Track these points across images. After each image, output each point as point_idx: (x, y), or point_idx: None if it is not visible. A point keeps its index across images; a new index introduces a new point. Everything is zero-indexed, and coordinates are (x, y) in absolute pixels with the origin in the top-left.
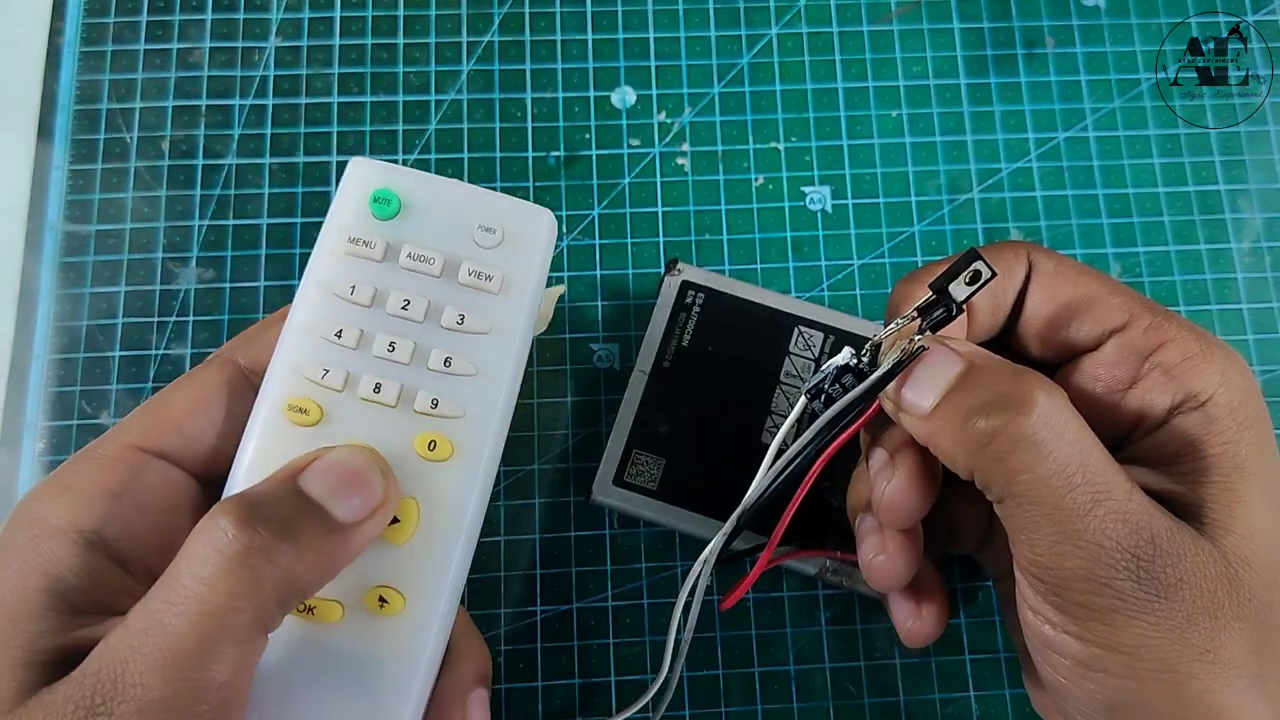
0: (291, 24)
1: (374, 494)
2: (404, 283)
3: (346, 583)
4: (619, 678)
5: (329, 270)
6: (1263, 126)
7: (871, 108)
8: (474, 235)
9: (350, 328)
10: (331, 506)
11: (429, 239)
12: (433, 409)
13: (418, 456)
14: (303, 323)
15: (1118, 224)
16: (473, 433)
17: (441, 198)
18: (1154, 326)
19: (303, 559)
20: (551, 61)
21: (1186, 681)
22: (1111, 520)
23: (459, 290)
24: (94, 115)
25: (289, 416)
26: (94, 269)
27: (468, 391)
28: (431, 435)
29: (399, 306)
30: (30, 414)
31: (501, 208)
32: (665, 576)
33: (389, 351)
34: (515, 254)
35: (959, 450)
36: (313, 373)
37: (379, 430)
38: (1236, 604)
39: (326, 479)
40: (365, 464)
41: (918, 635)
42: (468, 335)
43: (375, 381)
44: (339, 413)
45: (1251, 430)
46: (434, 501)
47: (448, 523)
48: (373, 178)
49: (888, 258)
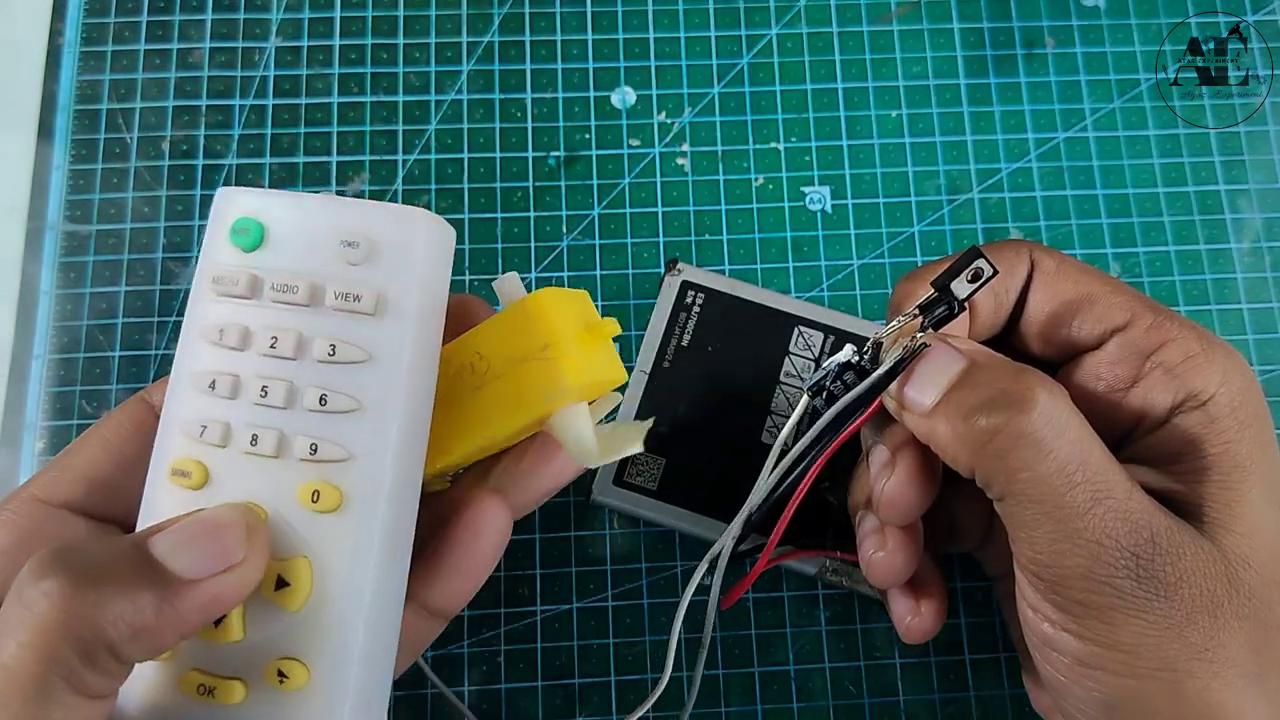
0: (292, 24)
1: (225, 549)
2: (272, 318)
3: (245, 657)
4: (619, 677)
5: (199, 315)
6: (1262, 126)
7: (871, 108)
8: (339, 252)
9: (223, 375)
10: (170, 562)
11: (293, 265)
12: (312, 454)
13: (304, 509)
14: (180, 375)
15: (1117, 224)
16: (362, 476)
17: (304, 216)
18: (1155, 326)
19: (110, 611)
20: (551, 62)
21: (1185, 680)
22: (1111, 519)
23: (330, 317)
24: (94, 115)
25: (174, 481)
26: (94, 269)
27: (351, 430)
28: (314, 485)
29: (268, 345)
30: (30, 413)
31: (364, 216)
32: (665, 576)
33: (262, 397)
34: (389, 266)
35: (960, 448)
36: (193, 430)
37: (261, 485)
38: (1236, 603)
39: (177, 535)
40: (227, 519)
41: (917, 632)
42: (343, 366)
43: (252, 432)
44: (223, 471)
45: (1252, 429)
46: (327, 559)
47: (346, 581)
48: (232, 207)
49: (887, 258)
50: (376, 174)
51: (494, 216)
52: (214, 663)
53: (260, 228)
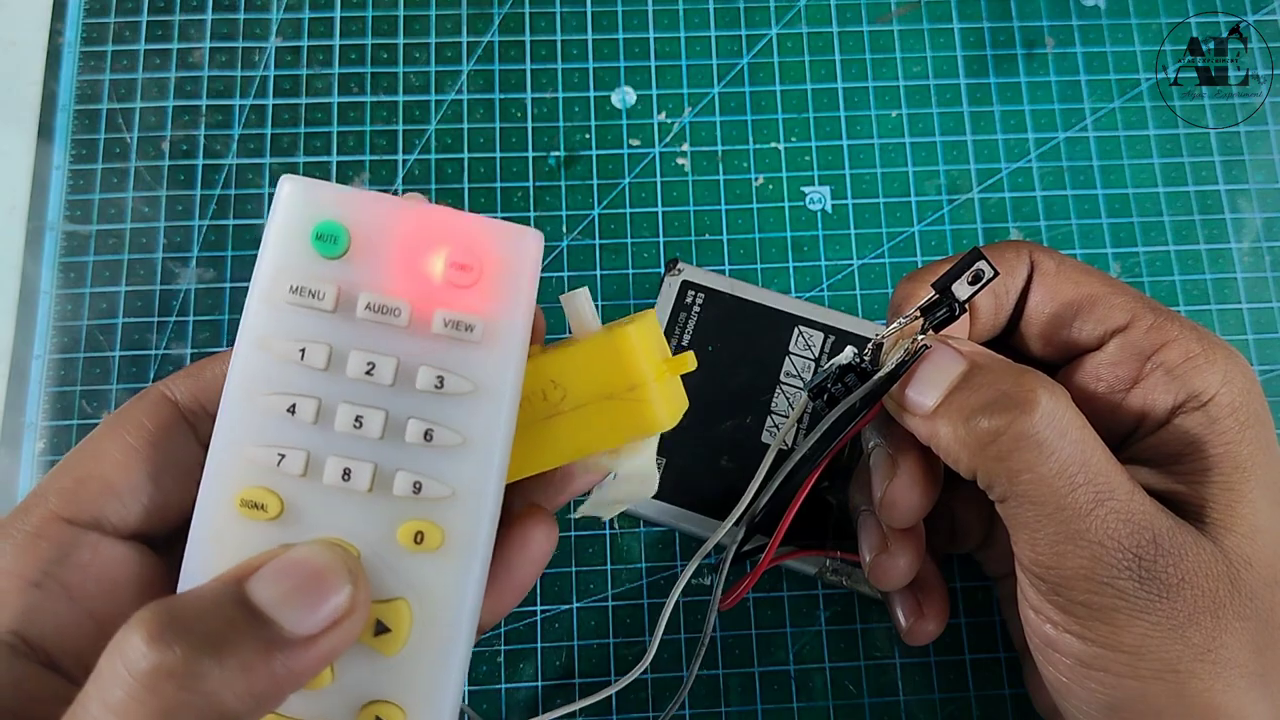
0: (291, 24)
1: (337, 601)
2: (365, 339)
3: (335, 702)
4: (619, 677)
5: (270, 326)
6: (1262, 126)
7: (871, 108)
8: (445, 273)
9: (305, 399)
10: (280, 616)
11: (390, 281)
12: (416, 492)
13: (403, 550)
14: (246, 392)
15: (1117, 224)
16: (465, 513)
17: (400, 226)
18: (1156, 326)
19: (232, 682)
20: (552, 61)
21: (1188, 681)
22: (1113, 520)
23: (432, 344)
24: (94, 115)
25: (243, 513)
26: (94, 269)
27: (455, 466)
28: (418, 525)
29: (362, 370)
30: (30, 414)
31: (477, 234)
32: (665, 576)
33: (355, 427)
34: (498, 291)
35: (961, 449)
36: (266, 457)
37: (353, 522)
38: (1238, 603)
39: (280, 582)
40: (330, 564)
41: (918, 634)
42: (450, 398)
43: (343, 465)
44: (303, 504)
45: (1253, 430)
46: (427, 600)
47: (446, 622)
48: (312, 206)
49: (887, 258)
50: (376, 174)
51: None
52: (299, 709)
53: (345, 233)
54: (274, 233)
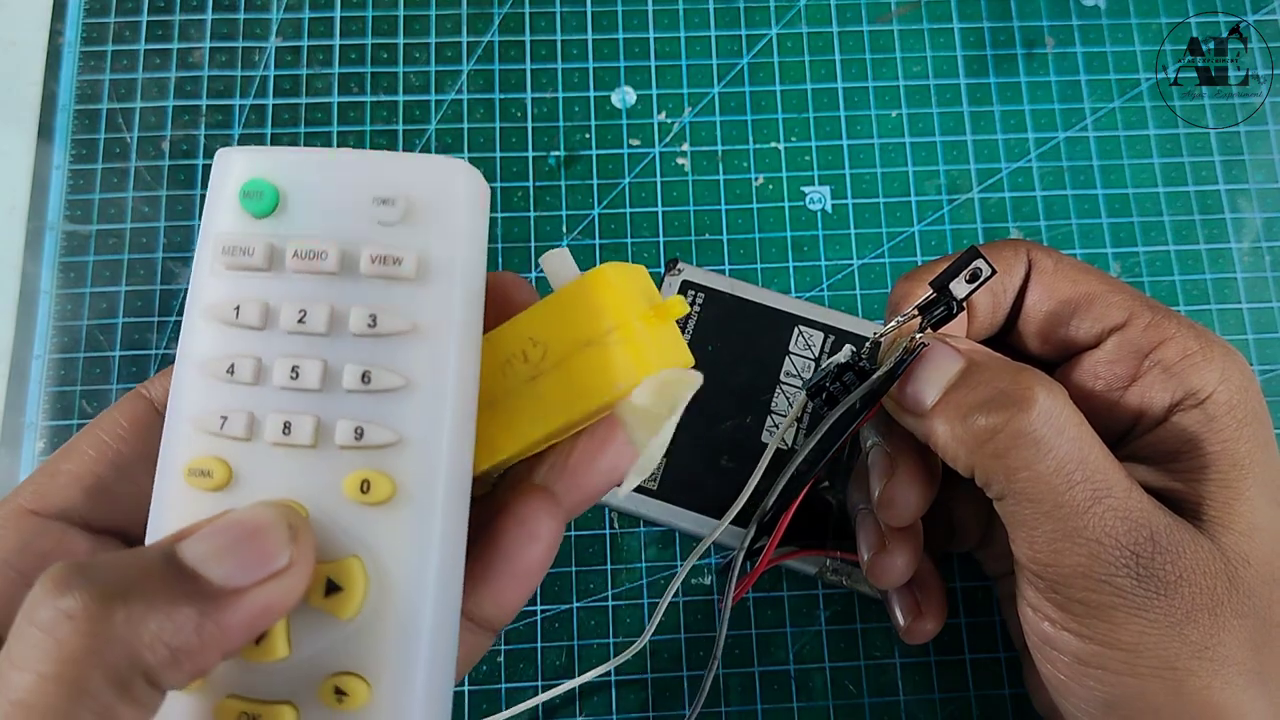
0: (292, 24)
1: (269, 553)
2: (297, 289)
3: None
4: (619, 677)
5: (208, 291)
6: (1262, 126)
7: (871, 108)
8: (370, 212)
9: (244, 359)
10: (206, 570)
11: (318, 228)
12: (358, 440)
13: (351, 503)
14: (191, 361)
15: (1117, 224)
16: (416, 460)
17: (325, 174)
18: (1153, 324)
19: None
20: (552, 61)
21: (1186, 679)
22: (1111, 517)
23: (365, 285)
24: (94, 115)
25: (191, 483)
26: (94, 269)
27: (399, 409)
28: (363, 474)
29: (295, 320)
30: (30, 413)
31: (400, 170)
32: (665, 576)
33: (293, 379)
34: (429, 224)
35: (959, 447)
36: (210, 423)
37: (299, 480)
38: (1235, 601)
39: (211, 540)
40: (265, 519)
41: (917, 633)
42: (386, 339)
43: (283, 420)
44: (249, 468)
45: (1251, 428)
46: (382, 556)
47: (406, 581)
48: (240, 168)
49: (887, 257)
50: None
51: (494, 216)
52: (256, 687)
53: (274, 190)
54: (209, 201)
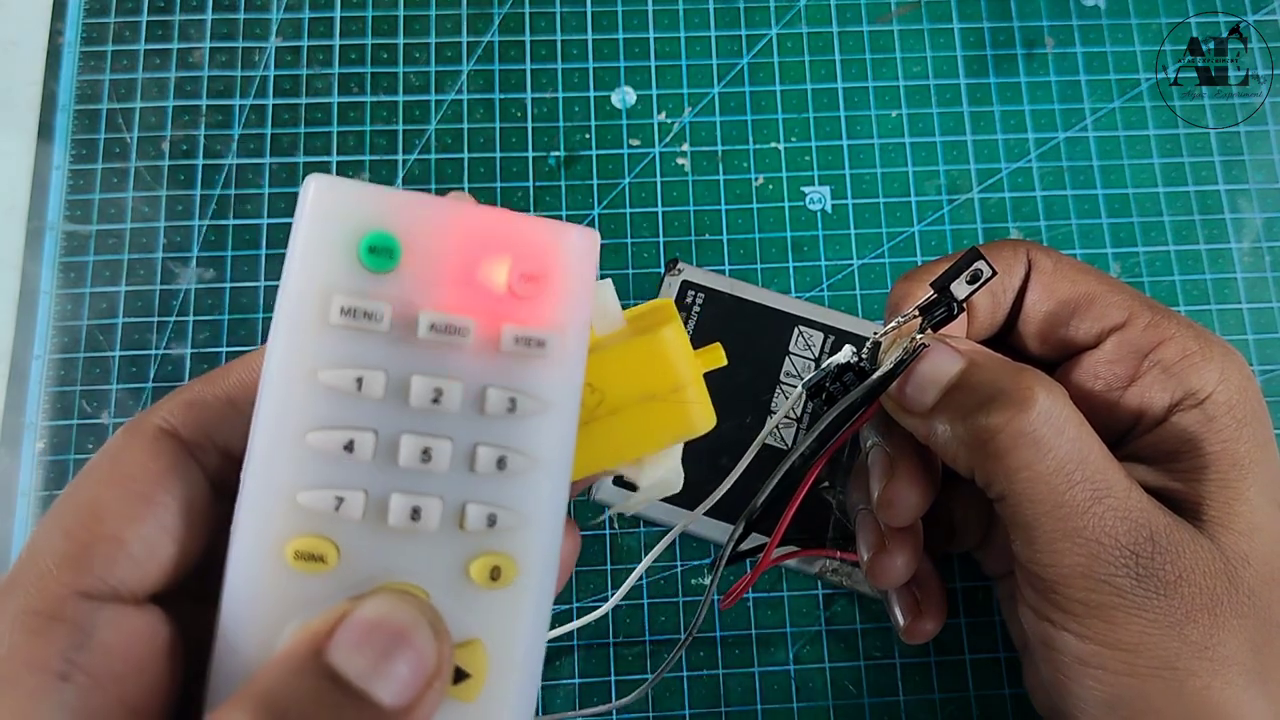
0: (292, 24)
1: (425, 659)
2: (426, 362)
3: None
4: (619, 678)
5: (315, 352)
6: (1262, 126)
7: (871, 108)
8: (512, 285)
9: (363, 433)
10: (373, 688)
11: (449, 296)
12: (490, 526)
13: (477, 587)
14: (288, 429)
15: (1117, 224)
16: (535, 538)
17: (455, 232)
18: (1153, 324)
19: None
20: (552, 61)
21: (1186, 679)
22: (1111, 517)
23: (502, 363)
24: (94, 115)
25: (297, 566)
26: (94, 269)
27: (526, 491)
28: (492, 559)
29: (428, 399)
30: (30, 414)
31: (539, 238)
32: (665, 576)
33: (423, 462)
34: (565, 299)
35: (959, 447)
36: (321, 502)
37: (420, 564)
38: (1235, 601)
39: (361, 649)
40: (410, 618)
41: (916, 633)
42: (520, 419)
43: (411, 505)
44: (364, 549)
45: (1250, 428)
46: (502, 638)
47: (521, 659)
48: (356, 214)
49: (887, 258)
50: (377, 174)
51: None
52: None
53: (397, 245)
54: (308, 243)
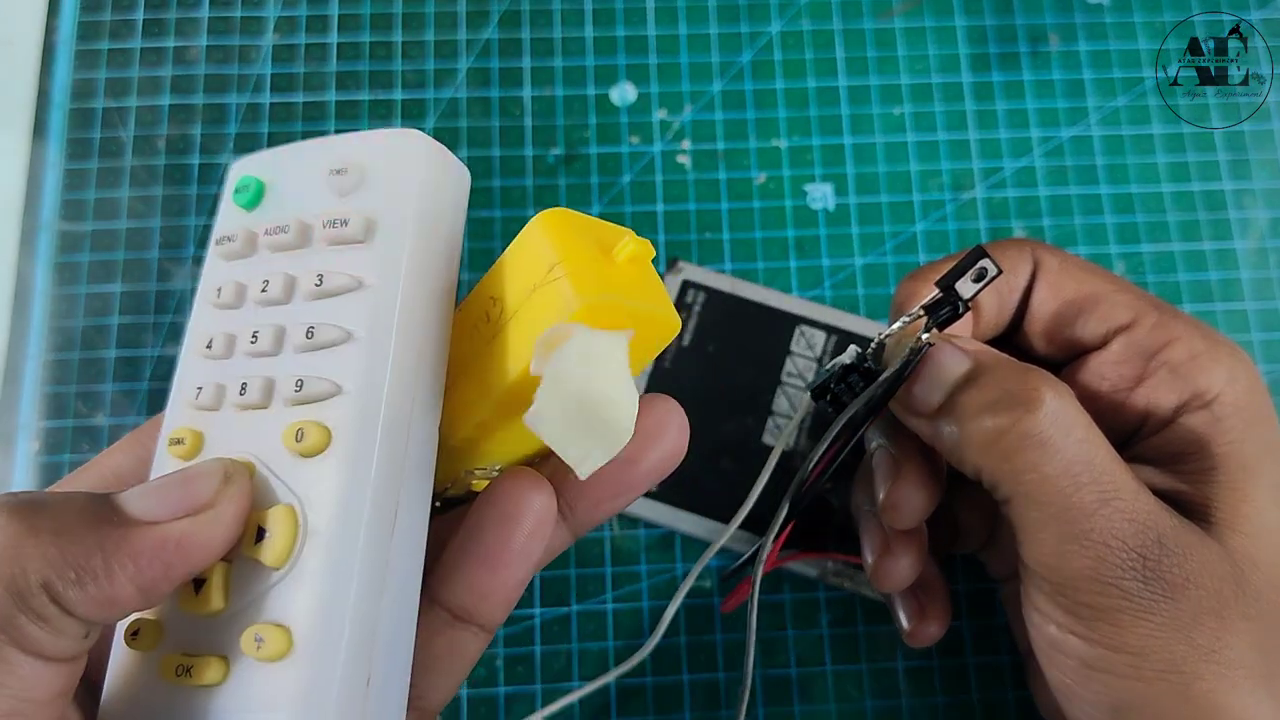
0: (288, 21)
1: (192, 495)
2: (266, 266)
3: (228, 630)
4: (619, 680)
5: (205, 281)
6: (1266, 125)
7: (874, 105)
8: (327, 184)
9: (219, 334)
10: (126, 505)
11: (286, 209)
12: (298, 392)
13: (288, 453)
14: (188, 346)
15: (1122, 222)
16: (353, 409)
17: (298, 162)
18: (1160, 325)
19: (48, 548)
20: (550, 59)
21: (1193, 682)
22: (1118, 520)
23: (320, 253)
24: (89, 113)
25: (171, 452)
26: (89, 268)
27: (340, 363)
28: (299, 424)
29: (259, 291)
30: (25, 414)
31: (356, 145)
32: (665, 578)
33: (253, 344)
34: (380, 190)
35: (965, 449)
36: (189, 395)
37: (249, 439)
38: (1243, 604)
39: (145, 486)
40: (200, 469)
41: (921, 636)
42: (334, 298)
43: (241, 382)
44: (216, 433)
45: (1258, 429)
46: (312, 505)
47: (335, 532)
48: (237, 170)
49: (890, 257)
50: None
51: (493, 215)
52: (196, 641)
53: (259, 184)
54: (220, 206)
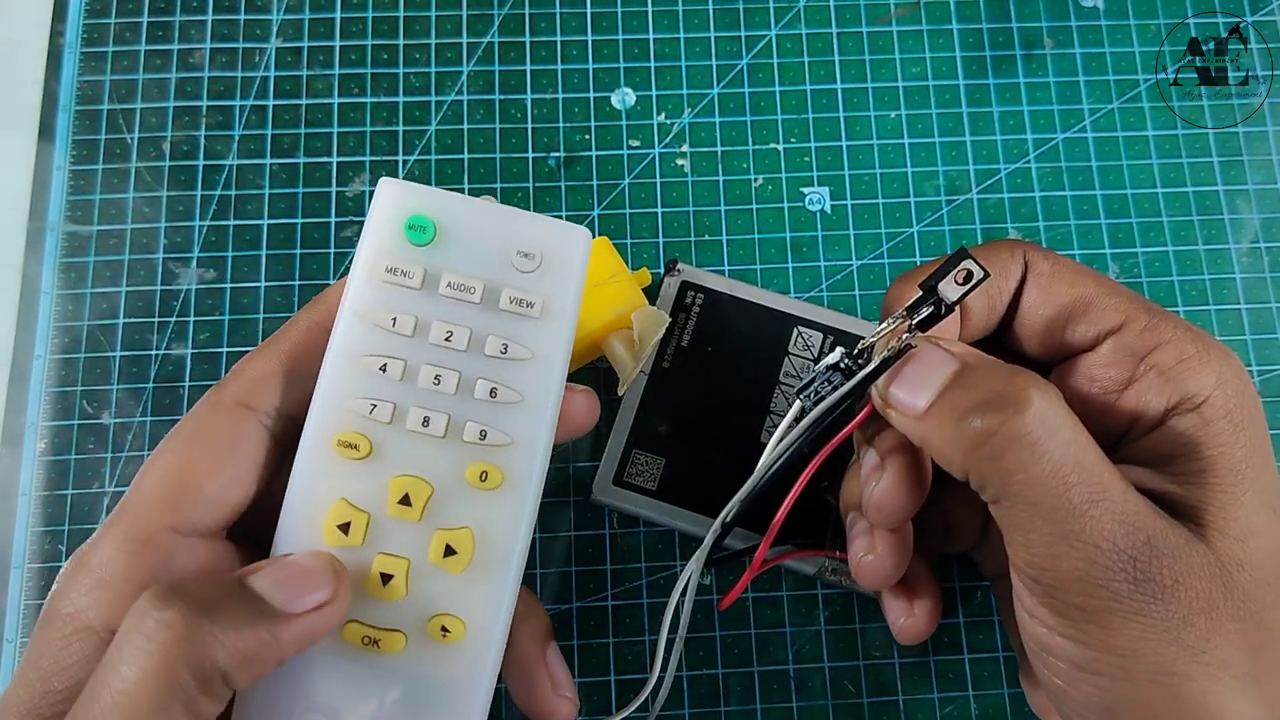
0: (292, 25)
1: (319, 589)
2: (445, 312)
3: (406, 613)
4: (619, 677)
5: (368, 300)
6: (1261, 127)
7: (870, 109)
8: (513, 260)
9: (395, 360)
10: (269, 596)
11: (468, 266)
12: (481, 440)
13: (469, 486)
14: (346, 354)
15: (1116, 225)
16: (521, 459)
17: (477, 221)
18: (1150, 327)
19: (222, 639)
20: (551, 63)
21: (1183, 683)
22: (1108, 520)
23: (500, 317)
24: (95, 116)
25: (339, 452)
26: (95, 269)
27: (514, 419)
28: (483, 465)
29: (442, 338)
30: (31, 414)
31: (539, 230)
32: (665, 576)
33: (435, 384)
34: (554, 276)
35: (954, 450)
36: (360, 407)
37: (428, 462)
38: (1231, 605)
39: (272, 574)
40: (317, 565)
41: (910, 633)
42: (510, 362)
43: (423, 415)
44: (388, 446)
45: (1247, 432)
46: (487, 529)
47: (503, 549)
48: (406, 202)
49: (886, 258)
50: (377, 175)
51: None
52: (377, 617)
53: (433, 225)
54: (373, 224)
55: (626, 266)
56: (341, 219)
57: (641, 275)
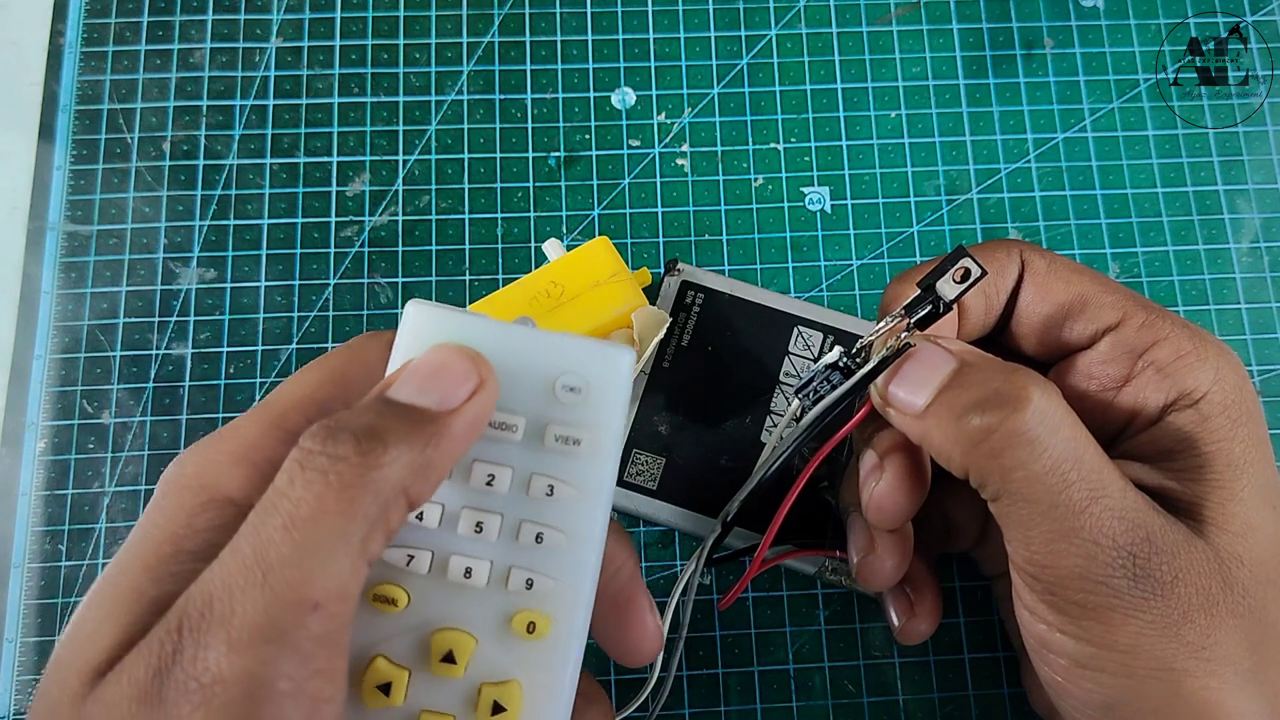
0: (292, 25)
1: (465, 377)
2: (485, 451)
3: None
4: (619, 677)
5: None
6: (1261, 127)
7: (870, 108)
8: (557, 394)
9: (432, 506)
10: (424, 402)
11: (507, 400)
12: (528, 589)
13: (516, 637)
14: None
15: (1116, 224)
16: (568, 599)
17: (515, 351)
18: (1147, 324)
19: (396, 457)
20: (551, 62)
21: (1183, 679)
22: (1107, 517)
23: (544, 455)
24: (95, 116)
25: (375, 606)
26: (95, 269)
27: (561, 560)
28: (530, 615)
29: (483, 481)
30: (31, 413)
31: (582, 356)
32: (665, 576)
33: (476, 531)
34: (599, 405)
35: (953, 448)
36: (397, 557)
37: (471, 612)
38: (1230, 601)
39: (413, 381)
40: (448, 355)
41: (910, 633)
42: (557, 502)
43: (465, 565)
44: (426, 596)
45: (1245, 428)
46: (537, 679)
47: (552, 699)
48: (438, 330)
49: (886, 258)
50: (377, 174)
51: (494, 217)
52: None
53: None
54: (401, 355)
55: (626, 266)
56: (341, 219)
57: (641, 275)
